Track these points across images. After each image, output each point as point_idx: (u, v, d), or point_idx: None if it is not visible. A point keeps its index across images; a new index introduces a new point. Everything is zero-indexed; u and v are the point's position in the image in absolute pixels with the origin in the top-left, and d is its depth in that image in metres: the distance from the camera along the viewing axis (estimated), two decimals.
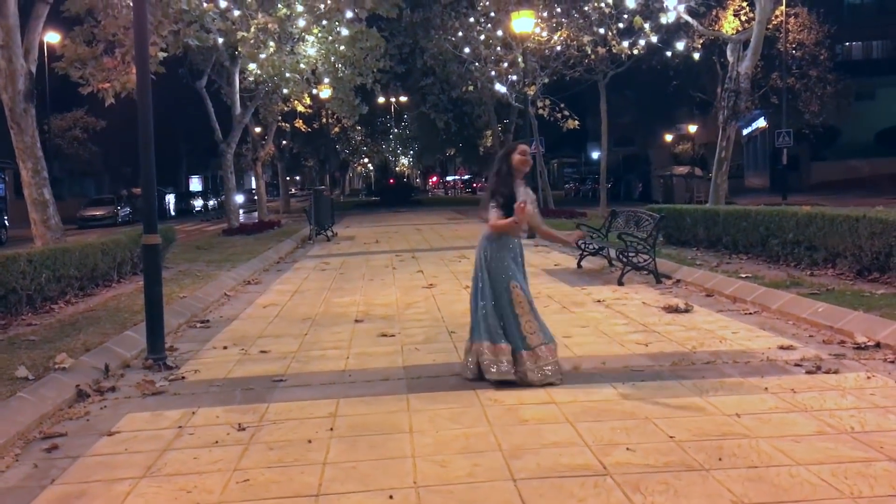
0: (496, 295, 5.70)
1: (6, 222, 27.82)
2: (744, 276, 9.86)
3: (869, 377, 5.57)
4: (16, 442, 4.82)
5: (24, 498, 3.99)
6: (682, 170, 37.15)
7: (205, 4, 15.01)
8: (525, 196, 5.75)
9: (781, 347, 6.56)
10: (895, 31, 45.95)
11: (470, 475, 4.02)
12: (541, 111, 27.46)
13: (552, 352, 5.73)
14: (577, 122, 27.24)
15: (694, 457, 4.14)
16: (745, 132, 41.20)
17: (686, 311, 8.38)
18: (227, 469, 4.26)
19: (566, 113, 26.96)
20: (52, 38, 26.15)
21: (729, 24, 27.03)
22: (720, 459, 4.10)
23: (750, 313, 8.19)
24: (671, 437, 4.47)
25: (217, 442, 4.72)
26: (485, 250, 5.81)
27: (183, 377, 6.39)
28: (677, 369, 5.99)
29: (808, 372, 5.76)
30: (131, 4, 9.55)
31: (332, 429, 4.87)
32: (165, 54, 15.25)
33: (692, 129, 47.38)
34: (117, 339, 7.48)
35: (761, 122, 41.23)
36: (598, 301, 9.26)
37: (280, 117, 30.13)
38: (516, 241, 5.90)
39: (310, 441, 4.65)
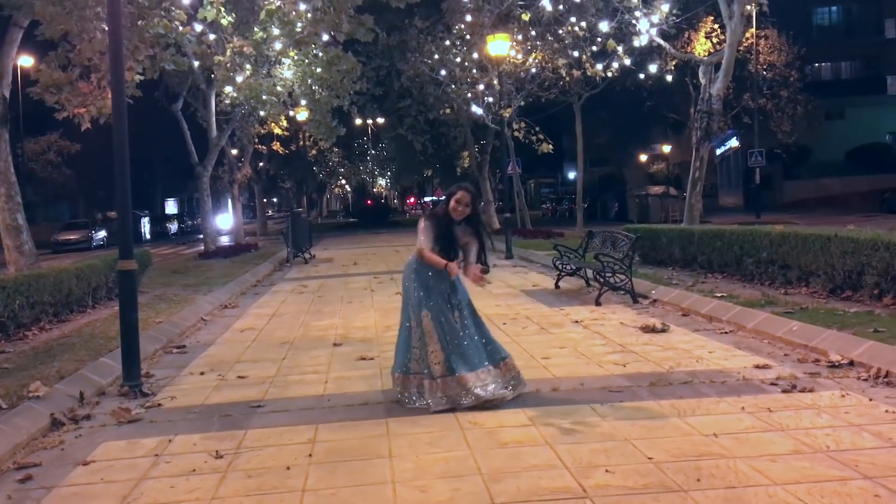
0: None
1: None
2: (719, 295, 9.95)
3: (843, 395, 5.64)
4: None
5: None
6: (657, 189, 37.53)
7: (180, 28, 15.00)
8: (463, 237, 6.04)
9: (757, 366, 6.62)
10: (863, 52, 46.91)
11: (450, 500, 4.02)
12: (517, 133, 27.67)
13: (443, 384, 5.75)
14: (551, 147, 27.49)
15: (672, 478, 4.16)
16: (718, 152, 41.75)
17: (663, 330, 8.44)
18: (205, 498, 4.22)
19: (541, 136, 27.20)
20: (26, 61, 26.01)
21: (701, 46, 27.47)
22: (698, 480, 4.12)
23: (726, 332, 8.27)
24: (650, 458, 4.49)
25: (194, 470, 4.68)
26: (408, 278, 6.09)
27: (159, 404, 6.32)
28: (655, 389, 6.02)
29: (784, 391, 5.82)
30: (106, 29, 9.55)
31: (310, 455, 4.84)
32: (142, 78, 15.22)
33: (666, 149, 47.93)
34: (92, 365, 7.39)
35: (734, 142, 41.79)
36: (576, 321, 9.30)
37: (257, 139, 30.10)
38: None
39: (288, 468, 4.62)
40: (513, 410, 5.59)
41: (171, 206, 65.67)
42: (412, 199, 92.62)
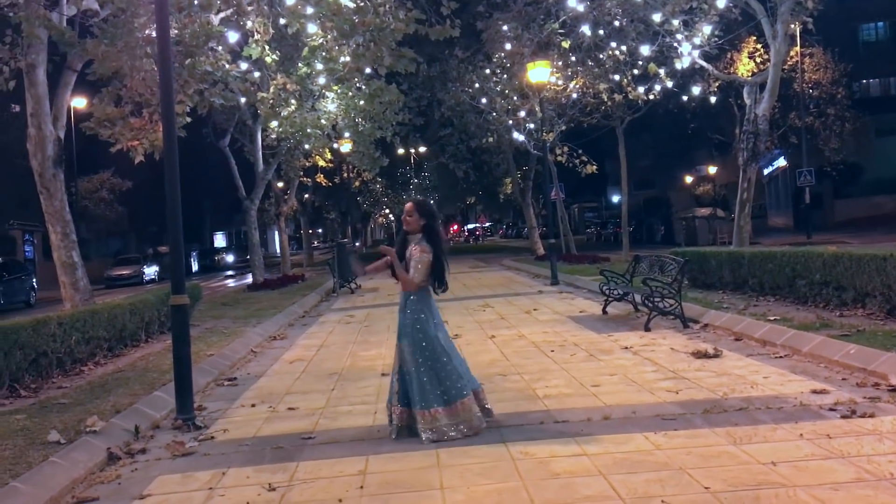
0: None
1: (35, 284, 28.22)
2: (772, 318, 9.76)
3: None
4: None
5: None
6: (704, 211, 37.05)
7: (227, 66, 15.35)
8: (412, 251, 5.97)
9: (814, 391, 6.46)
10: None
11: None
12: (559, 158, 27.63)
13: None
14: (595, 168, 27.37)
15: None
16: (765, 172, 41.15)
17: (715, 356, 8.29)
18: None
19: (584, 159, 27.11)
20: (79, 102, 26.82)
21: (744, 67, 27.20)
22: None
23: (780, 357, 8.09)
24: (706, 487, 4.40)
25: (248, 503, 4.71)
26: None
27: (212, 437, 6.40)
28: (709, 417, 5.91)
29: (843, 416, 5.66)
30: (156, 68, 9.81)
31: (362, 486, 4.85)
32: (190, 116, 15.59)
33: (712, 170, 47.42)
34: (146, 399, 7.52)
35: (781, 162, 41.18)
36: (626, 348, 9.20)
37: (302, 172, 30.52)
38: (404, 295, 6.00)
39: (340, 500, 4.63)
40: (564, 440, 5.53)
41: (219, 240, 66.77)
42: (455, 227, 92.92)
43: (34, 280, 28.49)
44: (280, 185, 32.03)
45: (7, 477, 5.12)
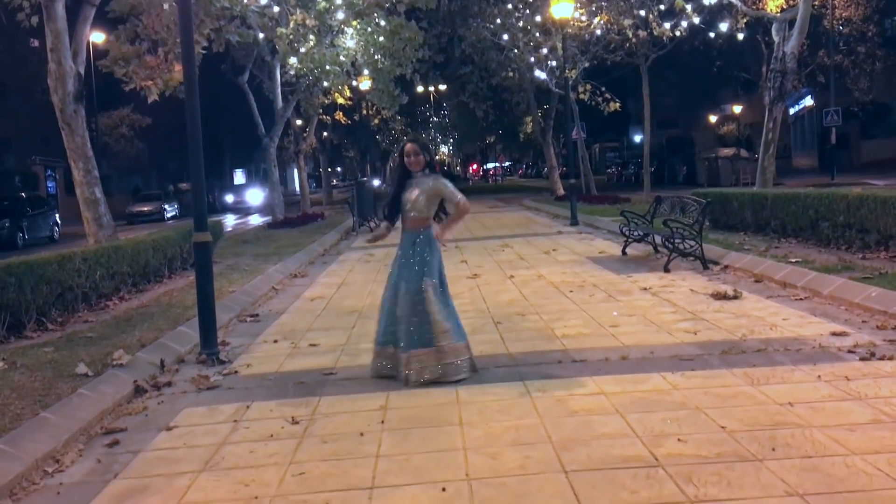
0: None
1: (58, 220, 28.51)
2: (793, 260, 9.70)
3: None
4: (79, 437, 4.97)
5: (89, 493, 4.12)
6: (728, 152, 36.54)
7: (245, 1, 15.17)
8: (418, 187, 5.89)
9: (834, 334, 6.46)
10: None
11: (521, 468, 4.06)
12: (581, 96, 27.25)
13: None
14: (618, 105, 26.98)
15: (747, 447, 4.12)
16: (791, 112, 40.40)
17: (735, 297, 8.29)
18: (283, 462, 4.35)
19: (607, 96, 26.71)
20: (98, 37, 26.64)
21: (773, 2, 26.45)
22: (773, 449, 4.07)
23: (801, 299, 8.08)
24: (723, 427, 4.45)
25: (272, 436, 4.83)
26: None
27: (236, 372, 6.52)
28: (727, 358, 5.94)
29: (862, 359, 5.67)
30: (175, 4, 9.71)
31: (383, 421, 4.94)
32: (205, 51, 15.46)
33: (737, 109, 46.63)
34: (171, 334, 7.66)
35: (808, 101, 40.35)
36: (645, 289, 9.20)
37: (321, 110, 30.35)
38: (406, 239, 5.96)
39: (362, 434, 4.73)
40: (581, 379, 5.59)
41: (239, 177, 66.88)
42: (475, 166, 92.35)
43: (57, 215, 28.76)
44: (299, 122, 31.92)
45: (38, 408, 5.27)
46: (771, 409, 4.72)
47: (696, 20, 18.77)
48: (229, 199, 50.19)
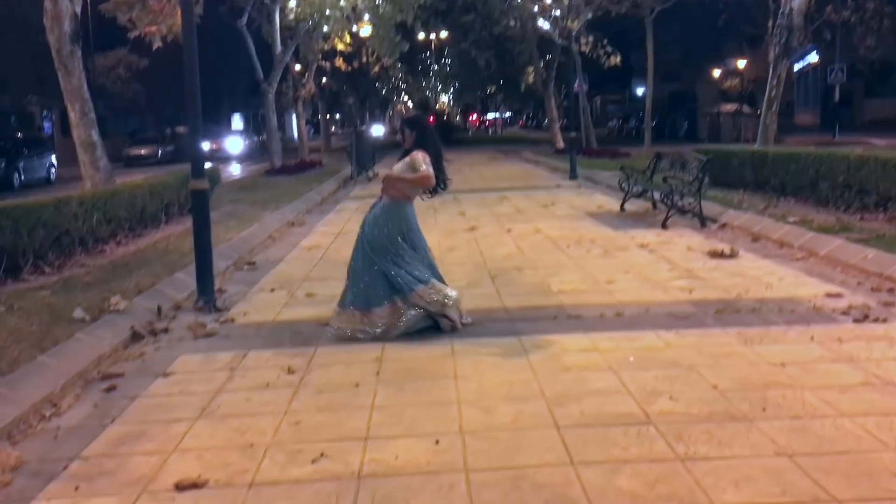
0: None
1: (54, 161, 28.30)
2: (792, 220, 9.70)
3: None
4: (76, 382, 5.01)
5: (87, 437, 4.17)
6: (730, 107, 36.28)
7: None
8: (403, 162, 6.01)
9: (829, 295, 6.48)
10: None
11: (514, 422, 4.10)
12: (584, 48, 26.91)
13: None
14: (618, 60, 26.67)
15: (738, 407, 4.17)
16: (795, 68, 39.95)
17: (731, 256, 8.30)
18: (279, 411, 4.40)
19: (608, 50, 26.38)
20: None
21: None
22: (764, 410, 4.11)
23: (797, 259, 8.09)
24: (715, 386, 4.49)
25: (268, 384, 4.87)
26: None
27: (232, 320, 6.55)
28: (722, 317, 5.97)
29: (856, 320, 5.71)
30: None
31: (378, 373, 4.98)
32: None
33: (741, 64, 46.07)
34: (168, 280, 7.67)
35: (813, 58, 39.85)
36: (642, 245, 9.21)
37: (320, 56, 29.94)
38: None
39: (357, 385, 4.77)
40: (576, 335, 5.62)
41: (236, 122, 66.26)
42: (475, 117, 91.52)
43: (53, 157, 28.54)
44: (298, 68, 31.50)
45: (35, 352, 5.29)
46: (763, 369, 4.76)
47: None
48: (205, 146, 47.91)
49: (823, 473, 3.37)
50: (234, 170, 30.63)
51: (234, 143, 43.96)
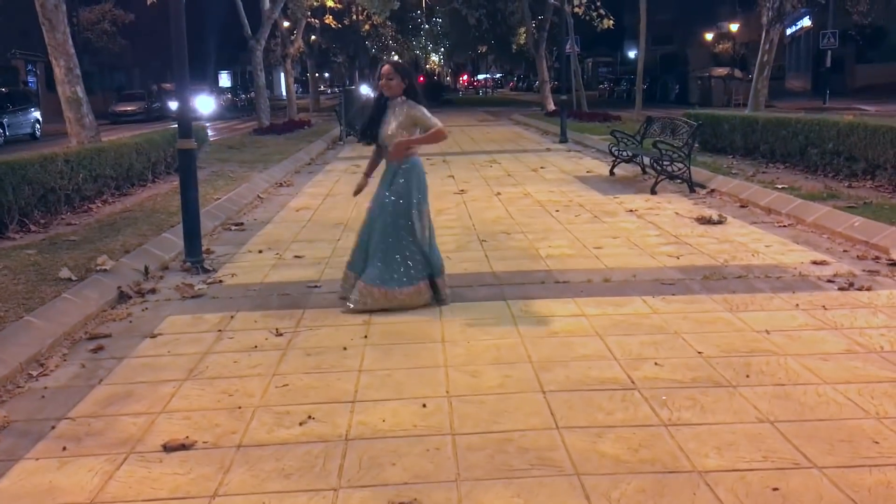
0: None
1: (39, 117, 27.95)
2: (780, 186, 9.73)
3: None
4: (63, 342, 5.01)
5: (74, 397, 4.18)
6: (721, 71, 36.08)
7: None
8: (395, 113, 5.52)
9: (815, 262, 6.53)
10: None
11: (501, 386, 4.14)
12: (577, 9, 26.64)
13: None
14: (612, 22, 26.44)
15: (721, 373, 4.21)
16: (788, 32, 39.73)
17: (719, 222, 8.33)
18: (267, 374, 4.41)
19: (602, 12, 26.14)
20: None
21: None
22: (748, 376, 4.16)
23: (784, 226, 8.13)
24: (699, 352, 4.53)
25: (256, 346, 4.88)
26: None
27: (220, 281, 6.54)
28: (708, 283, 6.01)
29: (841, 288, 5.75)
30: None
31: (366, 336, 5.00)
32: None
33: (734, 27, 45.76)
34: (155, 240, 7.63)
35: (806, 22, 39.67)
36: (630, 211, 9.22)
37: (309, 12, 29.53)
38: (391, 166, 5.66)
39: (345, 348, 4.79)
40: (563, 300, 5.65)
41: (224, 80, 65.47)
42: (465, 77, 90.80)
43: (38, 112, 28.18)
44: (286, 24, 31.08)
45: (21, 311, 5.28)
46: (748, 335, 4.80)
47: None
48: (173, 105, 39.65)
49: (804, 440, 3.43)
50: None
51: (205, 103, 37.24)
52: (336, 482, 3.19)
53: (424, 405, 3.91)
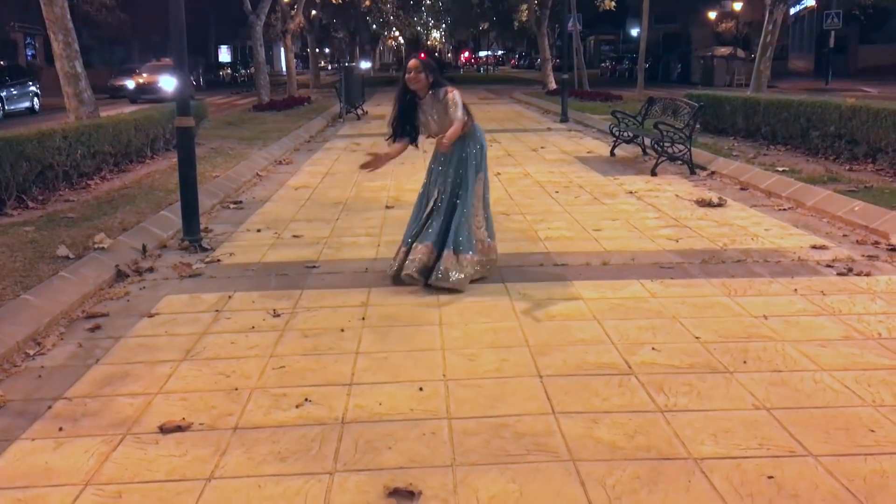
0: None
1: (38, 91, 27.79)
2: (780, 169, 9.69)
3: None
4: (60, 321, 5.00)
5: (71, 376, 4.17)
6: (724, 51, 35.90)
7: None
8: (430, 105, 5.59)
9: (814, 247, 6.52)
10: None
11: (497, 370, 4.13)
12: None
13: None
14: (613, 3, 26.27)
15: (719, 359, 4.21)
16: (791, 12, 39.45)
17: (719, 205, 8.31)
18: (264, 355, 4.41)
19: None
20: None
21: None
22: (745, 362, 4.16)
23: (784, 209, 8.11)
24: (697, 337, 4.53)
25: (253, 327, 4.87)
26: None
27: (218, 260, 6.52)
28: (707, 267, 6.00)
29: (840, 273, 5.74)
30: None
31: (363, 318, 4.99)
32: None
33: (737, 6, 45.40)
34: (153, 218, 7.61)
35: (810, 2, 39.38)
36: (630, 192, 9.19)
37: None
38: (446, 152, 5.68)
39: (342, 330, 4.78)
40: (562, 283, 5.64)
41: (224, 54, 65.04)
42: (467, 54, 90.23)
43: (37, 86, 28.00)
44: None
45: (18, 289, 5.27)
46: (745, 321, 4.80)
47: None
48: (131, 84, 33.24)
49: (800, 427, 3.43)
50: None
51: (170, 83, 27.36)
52: (332, 466, 3.20)
53: (421, 388, 3.91)
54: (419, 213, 5.82)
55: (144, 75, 33.43)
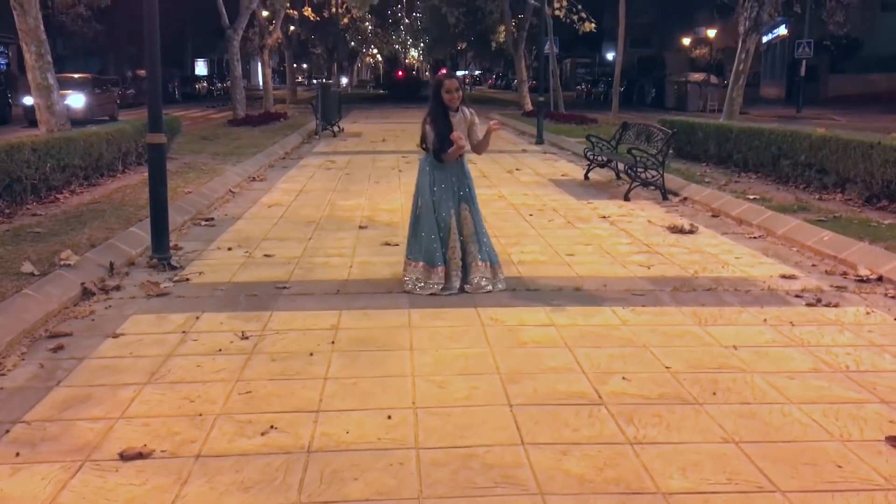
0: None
1: (10, 100, 27.42)
2: (752, 197, 9.79)
3: (868, 313, 5.60)
4: (22, 340, 4.89)
5: (31, 399, 4.07)
6: (698, 76, 36.37)
7: None
8: (461, 121, 6.06)
9: (783, 276, 6.57)
10: None
11: (468, 398, 4.10)
12: (557, 11, 26.66)
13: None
14: (593, 25, 26.52)
15: (689, 390, 4.21)
16: (764, 40, 40.10)
17: (690, 231, 8.36)
18: (230, 379, 4.33)
19: (583, 15, 26.19)
20: None
21: None
22: (714, 394, 4.16)
23: (755, 237, 8.17)
24: (667, 367, 4.53)
25: (220, 350, 4.79)
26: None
27: (187, 279, 6.43)
28: (678, 295, 6.01)
29: (809, 304, 5.78)
30: None
31: (333, 342, 4.94)
32: None
33: (711, 33, 46.16)
34: (122, 235, 7.50)
35: (782, 30, 40.08)
36: (604, 217, 9.23)
37: (288, 3, 29.28)
38: (454, 167, 6.18)
39: (311, 354, 4.72)
40: (534, 309, 5.62)
41: (200, 67, 64.76)
42: (444, 73, 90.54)
43: (10, 95, 27.62)
44: (265, 14, 30.79)
45: None
46: (715, 351, 4.81)
47: None
48: (28, 101, 22.96)
49: (769, 462, 3.43)
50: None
51: (77, 100, 24.34)
52: (296, 497, 3.13)
53: (389, 416, 3.86)
54: (433, 232, 6.03)
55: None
